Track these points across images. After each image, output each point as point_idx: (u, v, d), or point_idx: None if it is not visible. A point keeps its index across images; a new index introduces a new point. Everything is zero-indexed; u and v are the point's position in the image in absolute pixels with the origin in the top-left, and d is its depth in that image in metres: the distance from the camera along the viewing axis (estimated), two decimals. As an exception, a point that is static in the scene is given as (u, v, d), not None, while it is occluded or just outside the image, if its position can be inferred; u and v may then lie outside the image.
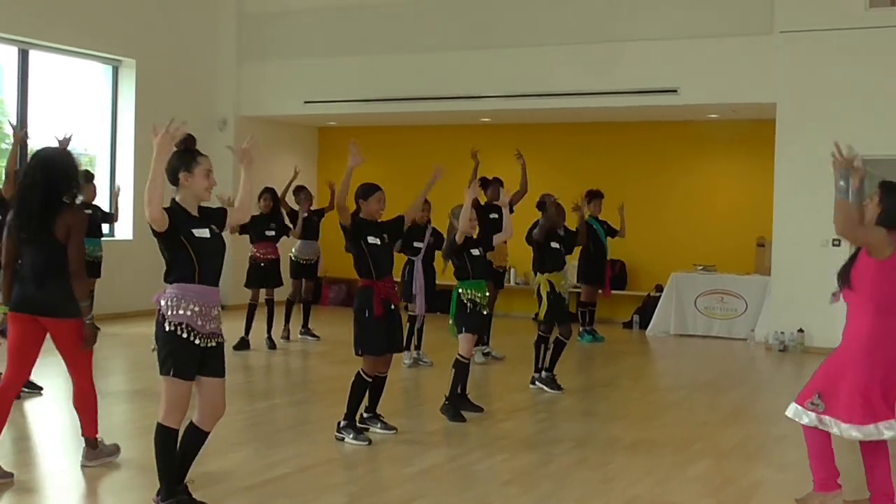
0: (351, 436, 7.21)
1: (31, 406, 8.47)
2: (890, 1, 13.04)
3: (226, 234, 5.55)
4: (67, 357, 6.38)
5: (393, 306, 7.36)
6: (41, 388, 8.91)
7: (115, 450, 6.68)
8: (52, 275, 5.94)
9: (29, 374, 6.53)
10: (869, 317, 5.42)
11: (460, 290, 8.31)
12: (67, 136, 8.16)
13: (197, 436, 5.35)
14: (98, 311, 12.99)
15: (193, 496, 5.42)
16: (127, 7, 14.90)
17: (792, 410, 5.67)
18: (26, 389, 8.80)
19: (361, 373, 7.29)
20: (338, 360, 10.66)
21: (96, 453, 6.52)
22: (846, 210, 5.50)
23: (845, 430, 5.42)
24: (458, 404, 8.22)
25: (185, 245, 5.16)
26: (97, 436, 6.54)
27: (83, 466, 6.49)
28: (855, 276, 5.50)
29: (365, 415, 7.56)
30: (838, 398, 5.46)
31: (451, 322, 8.32)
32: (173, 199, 5.31)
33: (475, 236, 8.52)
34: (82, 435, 6.53)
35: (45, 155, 6.28)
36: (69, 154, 6.52)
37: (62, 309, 6.12)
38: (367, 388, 7.34)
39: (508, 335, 13.05)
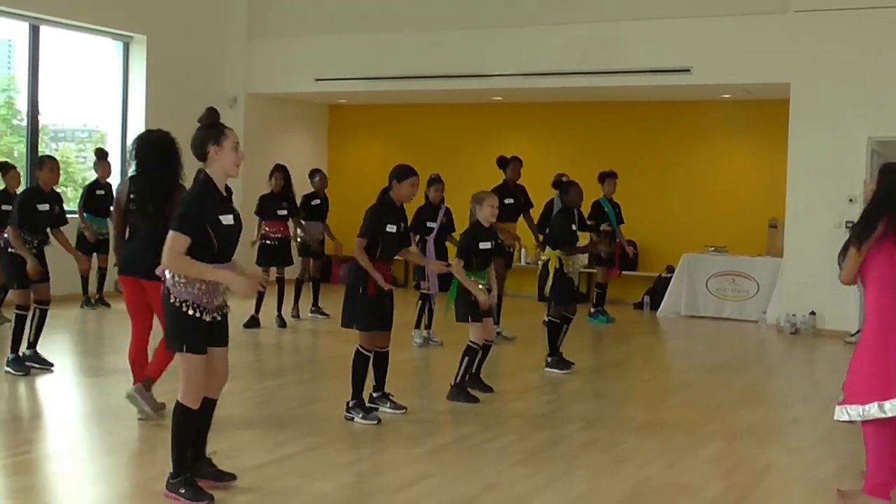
0: (360, 415, 7.17)
1: (42, 382, 8.46)
2: (906, -20, 12.92)
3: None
4: (160, 314, 6.56)
5: (387, 288, 7.26)
6: (52, 365, 8.91)
7: (160, 407, 6.96)
8: (159, 244, 6.07)
9: (149, 326, 7.30)
10: (873, 296, 5.42)
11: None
12: None
13: (205, 405, 5.38)
14: (108, 287, 13.12)
15: (219, 468, 5.52)
16: (138, -17, 14.84)
17: (847, 414, 5.51)
18: (37, 366, 8.82)
19: (360, 348, 7.26)
20: (347, 338, 10.50)
21: (147, 395, 7.00)
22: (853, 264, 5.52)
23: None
24: (466, 385, 8.17)
25: (209, 232, 5.14)
26: (153, 384, 7.08)
27: (129, 396, 7.03)
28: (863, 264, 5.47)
29: (374, 394, 7.52)
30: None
31: (450, 305, 8.20)
32: (206, 175, 5.28)
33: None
34: (147, 375, 7.04)
35: (159, 139, 7.16)
36: (173, 138, 7.21)
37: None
38: (367, 364, 7.28)
39: (519, 315, 13.00)
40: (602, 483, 5.95)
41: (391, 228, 7.25)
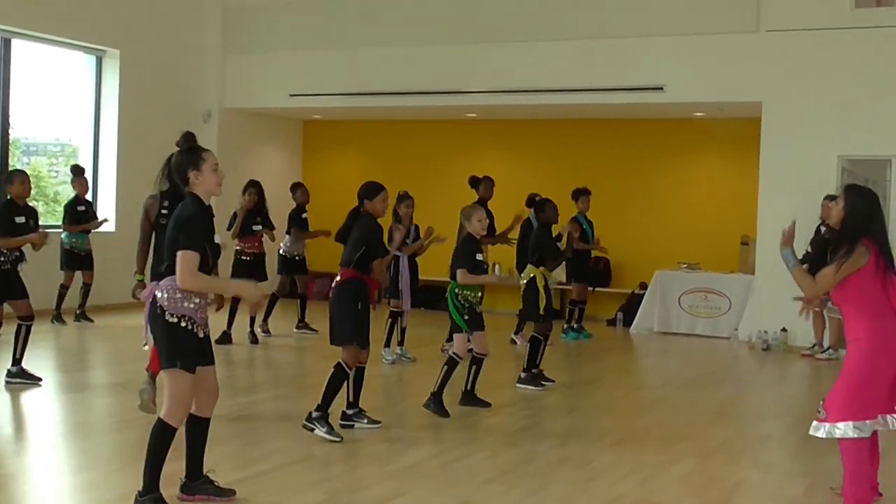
0: (324, 429, 7.10)
1: (26, 397, 8.39)
2: (875, 2, 13.06)
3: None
4: None
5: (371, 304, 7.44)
6: (40, 380, 8.85)
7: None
8: None
9: None
10: (864, 323, 5.46)
11: (457, 291, 8.18)
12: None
13: (199, 424, 5.50)
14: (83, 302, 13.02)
15: (218, 484, 5.61)
16: (111, -3, 14.79)
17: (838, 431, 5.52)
18: (26, 381, 8.75)
19: (343, 364, 7.22)
20: (320, 355, 10.58)
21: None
22: (802, 278, 5.69)
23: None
24: (463, 401, 8.39)
25: (206, 249, 5.21)
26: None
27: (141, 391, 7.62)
28: (841, 285, 5.52)
29: (349, 411, 7.50)
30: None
31: (456, 320, 8.21)
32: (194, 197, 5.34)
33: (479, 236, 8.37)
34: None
35: None
36: None
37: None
38: (346, 380, 7.27)
39: (494, 331, 12.86)
40: (575, 500, 5.94)
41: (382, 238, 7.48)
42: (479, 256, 8.21)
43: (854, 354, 5.53)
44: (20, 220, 8.73)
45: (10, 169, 9.22)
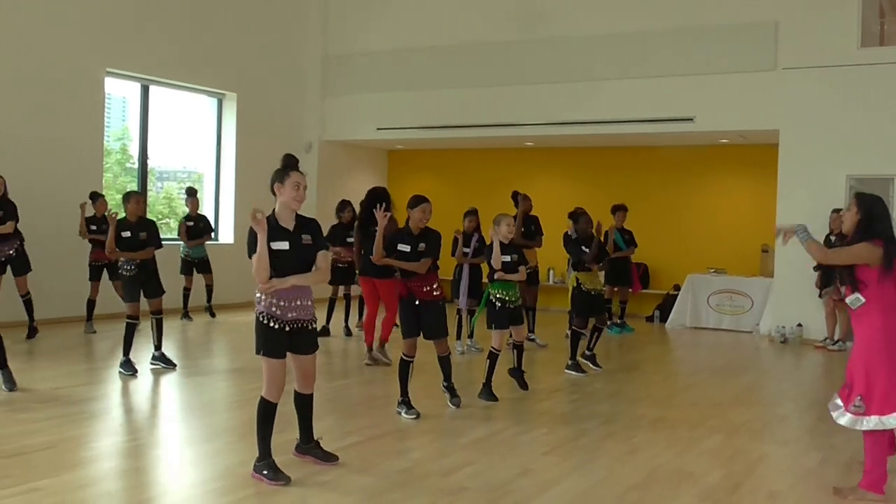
0: (404, 411, 7.18)
1: (163, 379, 8.57)
2: (879, 41, 12.80)
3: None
4: (386, 301, 9.40)
5: (417, 301, 7.26)
6: (175, 365, 9.02)
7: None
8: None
9: (376, 308, 9.74)
10: (879, 317, 5.17)
11: (490, 291, 8.11)
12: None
13: (301, 399, 5.66)
14: (199, 302, 13.26)
15: (325, 449, 5.77)
16: (230, 50, 15.06)
17: (846, 420, 5.25)
18: (165, 365, 8.93)
19: (403, 356, 7.28)
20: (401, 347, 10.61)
21: (384, 352, 9.71)
22: (814, 248, 5.47)
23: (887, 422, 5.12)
24: (513, 374, 8.43)
25: (272, 253, 5.24)
26: (385, 344, 9.67)
27: (367, 364, 9.62)
28: (859, 280, 5.24)
29: (444, 384, 7.61)
30: (873, 396, 5.16)
31: (480, 314, 8.19)
32: (272, 210, 5.39)
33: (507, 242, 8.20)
34: (381, 339, 9.70)
35: (373, 190, 9.58)
36: (383, 189, 9.59)
37: (385, 274, 9.10)
38: (409, 367, 7.25)
39: (548, 326, 12.95)
40: (619, 470, 5.90)
41: (403, 247, 7.30)
42: (504, 258, 8.00)
43: (877, 350, 5.15)
44: (126, 234, 8.76)
45: (128, 191, 9.35)
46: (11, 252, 10.37)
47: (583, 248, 9.70)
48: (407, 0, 16.03)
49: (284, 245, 5.29)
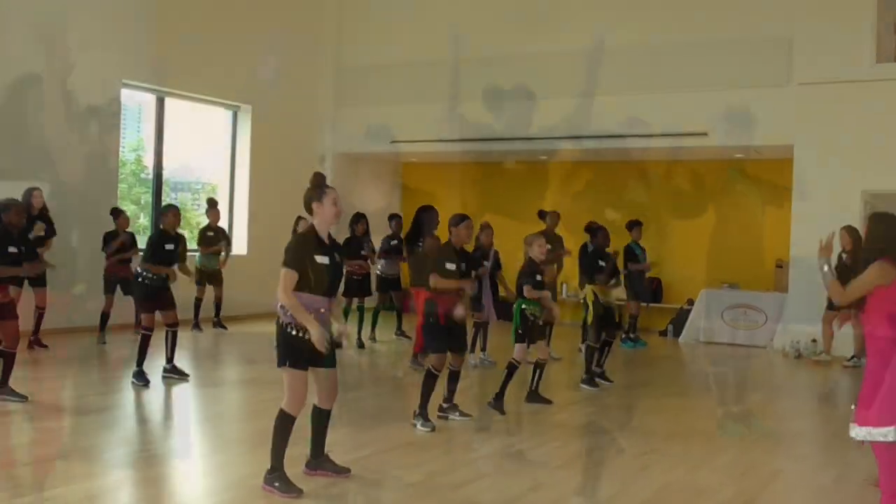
0: (420, 423, 7.18)
1: (176, 390, 8.59)
2: (894, 57, 12.75)
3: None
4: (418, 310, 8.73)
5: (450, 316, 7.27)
6: (188, 376, 9.03)
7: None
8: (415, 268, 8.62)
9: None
10: (888, 332, 5.12)
11: (524, 307, 8.05)
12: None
13: (319, 413, 5.65)
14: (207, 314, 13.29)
15: (336, 462, 5.74)
16: (244, 62, 15.12)
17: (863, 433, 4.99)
18: (178, 376, 8.94)
19: (431, 368, 7.25)
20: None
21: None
22: (836, 289, 5.27)
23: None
24: (528, 399, 8.32)
25: (308, 268, 5.28)
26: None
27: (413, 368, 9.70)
28: (869, 300, 5.19)
29: (444, 405, 7.52)
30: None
31: (512, 331, 8.18)
32: (311, 225, 5.49)
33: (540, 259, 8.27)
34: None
35: (421, 211, 10.21)
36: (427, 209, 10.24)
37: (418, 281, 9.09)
38: (436, 381, 7.25)
39: (562, 340, 12.90)
40: (632, 486, 5.87)
41: (450, 266, 7.29)
42: (538, 277, 8.06)
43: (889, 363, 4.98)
44: (169, 246, 8.87)
45: (166, 204, 9.45)
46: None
47: (599, 262, 9.72)
48: (421, 13, 16.09)
49: (325, 260, 5.39)
